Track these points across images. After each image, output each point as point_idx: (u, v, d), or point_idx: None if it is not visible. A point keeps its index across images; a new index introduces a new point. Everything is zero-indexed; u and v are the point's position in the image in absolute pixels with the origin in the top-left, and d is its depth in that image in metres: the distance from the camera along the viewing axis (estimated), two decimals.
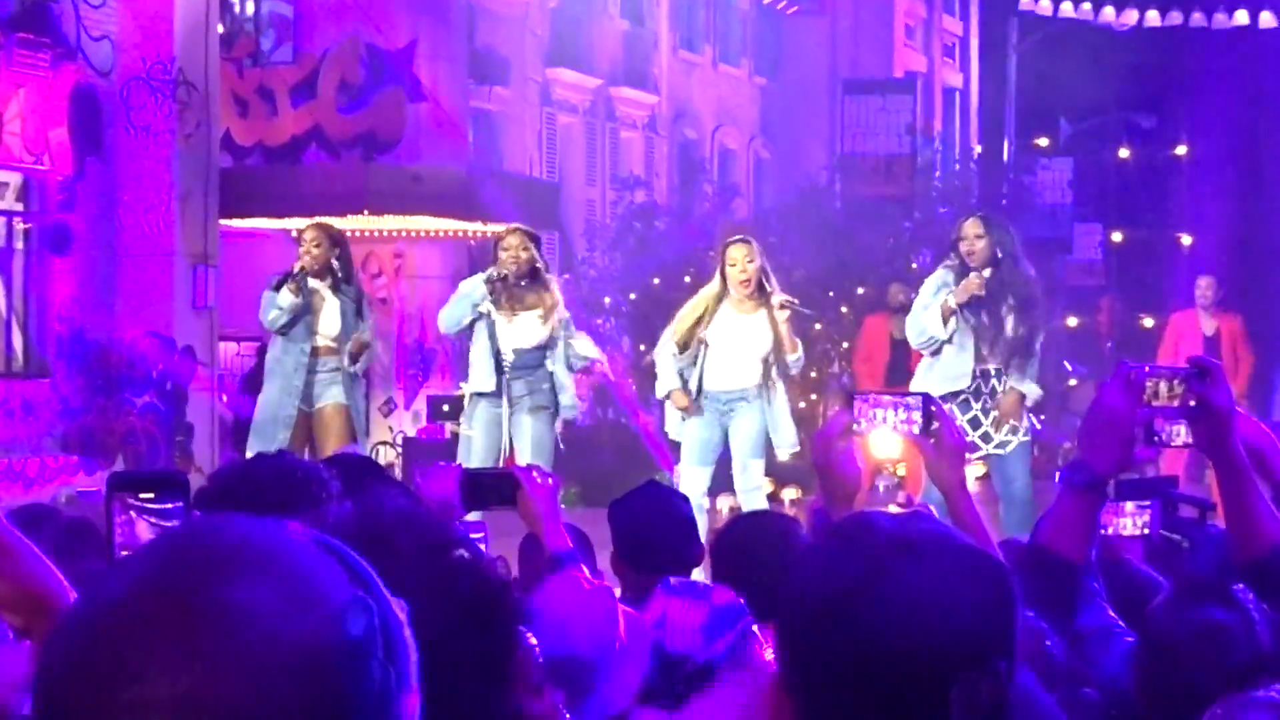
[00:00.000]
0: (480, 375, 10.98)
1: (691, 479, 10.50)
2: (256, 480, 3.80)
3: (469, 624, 2.34)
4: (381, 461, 17.88)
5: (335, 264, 11.72)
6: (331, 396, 11.63)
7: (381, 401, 20.22)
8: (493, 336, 10.88)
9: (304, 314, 11.51)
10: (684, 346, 10.68)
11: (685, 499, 5.73)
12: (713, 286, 10.79)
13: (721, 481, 10.93)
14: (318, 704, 1.22)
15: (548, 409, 11.04)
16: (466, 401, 11.27)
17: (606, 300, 21.19)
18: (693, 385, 10.70)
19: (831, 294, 21.13)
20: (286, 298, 11.42)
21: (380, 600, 1.30)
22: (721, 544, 5.05)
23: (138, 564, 1.29)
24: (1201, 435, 3.18)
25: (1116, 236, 33.46)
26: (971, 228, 10.30)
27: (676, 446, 11.28)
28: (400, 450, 18.18)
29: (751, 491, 10.70)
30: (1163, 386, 3.10)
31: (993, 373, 10.19)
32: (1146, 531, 4.65)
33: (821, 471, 3.61)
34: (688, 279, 16.26)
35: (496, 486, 4.24)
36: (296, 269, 11.55)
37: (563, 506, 5.42)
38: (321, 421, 11.63)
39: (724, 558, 4.86)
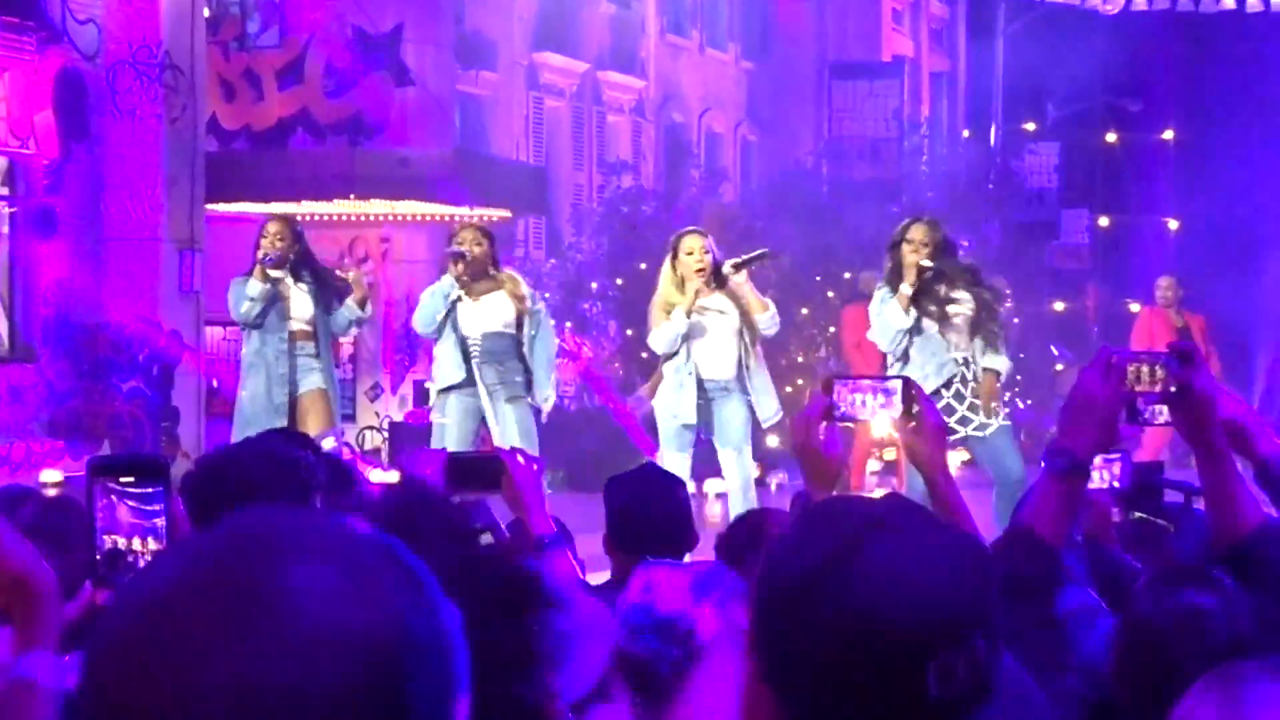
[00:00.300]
0: (448, 368, 10.94)
1: (672, 465, 10.47)
2: (243, 465, 3.80)
3: (495, 614, 2.33)
4: (368, 446, 17.89)
5: (292, 258, 11.71)
6: (312, 383, 11.64)
7: (368, 386, 20.21)
8: (455, 325, 10.84)
9: (274, 302, 11.50)
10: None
11: (682, 484, 5.72)
12: (666, 279, 10.74)
13: (709, 466, 10.91)
14: (377, 697, 1.22)
15: (524, 397, 11.02)
16: (434, 396, 11.25)
17: (593, 285, 21.19)
18: (683, 375, 10.65)
19: (818, 279, 21.15)
20: (255, 286, 11.42)
21: (437, 598, 1.29)
22: (731, 538, 5.07)
23: (195, 550, 1.28)
24: (1182, 420, 3.18)
25: (1103, 221, 33.51)
26: (919, 233, 10.31)
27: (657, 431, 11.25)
28: (387, 435, 18.18)
29: (746, 480, 10.67)
30: (1144, 371, 3.11)
31: (960, 360, 10.20)
32: (1117, 484, 4.67)
33: (802, 455, 3.62)
34: None
35: (481, 470, 4.24)
36: (260, 255, 11.54)
37: (548, 491, 5.43)
38: (302, 409, 11.63)
39: (733, 552, 4.87)
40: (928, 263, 10.04)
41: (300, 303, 11.64)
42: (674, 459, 10.43)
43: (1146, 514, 5.40)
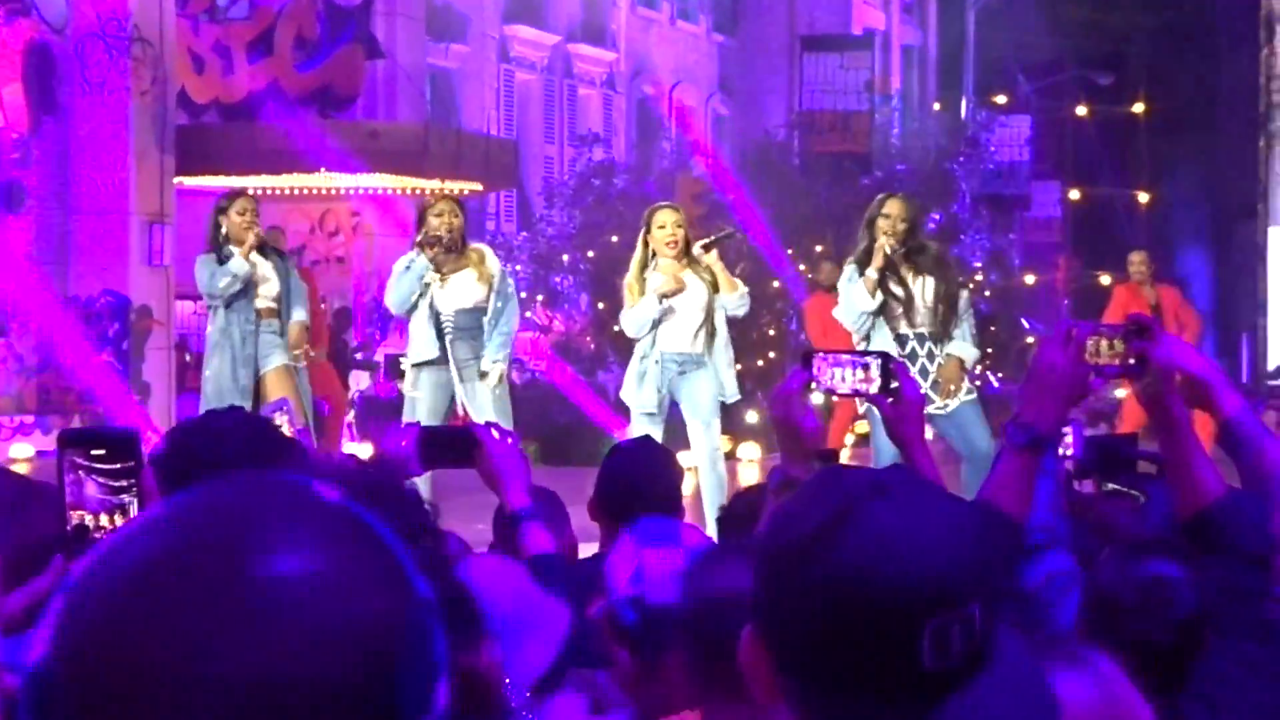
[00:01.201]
0: (422, 344, 10.93)
1: None
2: (215, 434, 3.77)
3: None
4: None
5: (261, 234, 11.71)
6: (276, 360, 11.61)
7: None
8: (431, 302, 10.84)
9: (248, 280, 11.50)
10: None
11: (676, 463, 5.69)
12: (636, 257, 10.72)
13: (679, 439, 10.88)
14: (371, 686, 1.19)
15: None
16: (409, 371, 11.23)
17: (565, 257, 21.17)
18: (648, 364, 10.63)
19: (790, 252, 21.13)
20: (241, 264, 11.37)
21: (416, 577, 1.26)
22: (730, 515, 5.05)
23: (172, 524, 1.22)
24: (1141, 393, 3.20)
25: (1074, 194, 33.56)
26: (896, 208, 10.28)
27: (624, 408, 11.22)
28: (356, 408, 18.14)
29: (713, 452, 10.65)
30: (1104, 344, 3.13)
31: (927, 336, 10.16)
32: (1069, 453, 4.69)
33: (780, 428, 3.61)
34: None
35: (455, 444, 4.20)
36: (252, 238, 11.48)
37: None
38: (267, 387, 11.60)
39: (733, 529, 4.86)
40: (893, 246, 10.02)
41: (268, 278, 11.61)
42: (645, 431, 10.39)
43: (1120, 485, 5.40)
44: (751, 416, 17.36)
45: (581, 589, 3.63)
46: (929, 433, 11.29)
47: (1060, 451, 4.65)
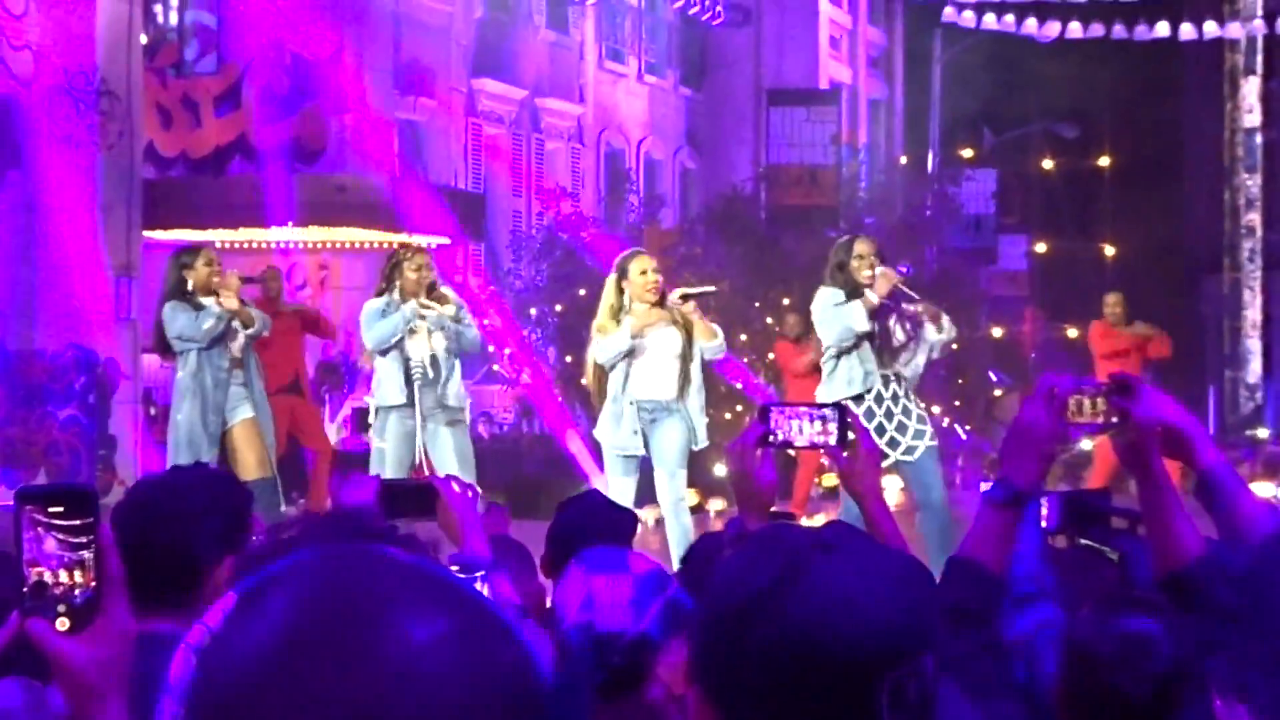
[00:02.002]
0: (390, 389, 11.04)
1: (618, 490, 10.44)
2: (177, 488, 3.77)
3: None
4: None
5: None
6: (244, 413, 11.60)
7: None
8: (401, 349, 10.96)
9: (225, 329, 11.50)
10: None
11: (628, 516, 5.68)
12: (607, 302, 10.72)
13: (647, 492, 10.90)
14: None
15: (462, 421, 11.13)
16: (373, 415, 11.30)
17: (532, 311, 21.18)
18: (622, 404, 10.65)
19: (757, 305, 21.18)
20: (222, 306, 11.38)
21: (533, 647, 1.30)
22: (692, 560, 5.06)
23: (301, 599, 1.26)
24: (1123, 450, 3.20)
25: (1040, 247, 33.70)
26: (866, 247, 10.37)
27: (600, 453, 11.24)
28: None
29: (677, 502, 10.66)
30: (1086, 403, 3.13)
31: (893, 378, 10.25)
32: (1044, 524, 4.70)
33: (737, 481, 3.63)
34: None
35: (415, 497, 4.20)
36: (233, 287, 11.49)
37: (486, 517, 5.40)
38: (235, 440, 11.59)
39: (693, 573, 4.87)
40: (898, 279, 10.14)
41: (236, 332, 11.63)
42: (618, 484, 10.43)
43: (1093, 542, 5.40)
44: (720, 469, 17.36)
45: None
46: (898, 483, 11.37)
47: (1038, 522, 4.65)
